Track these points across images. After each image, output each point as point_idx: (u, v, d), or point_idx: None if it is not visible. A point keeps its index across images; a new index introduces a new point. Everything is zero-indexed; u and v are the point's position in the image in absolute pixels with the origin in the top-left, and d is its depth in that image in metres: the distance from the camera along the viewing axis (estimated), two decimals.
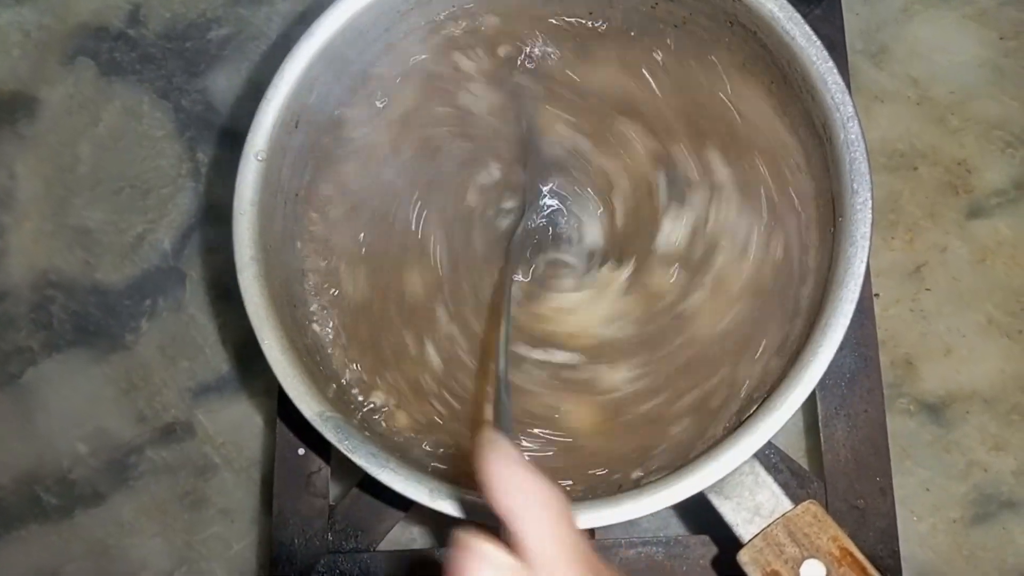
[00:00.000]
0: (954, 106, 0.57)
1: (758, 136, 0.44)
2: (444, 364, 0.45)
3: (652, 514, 0.51)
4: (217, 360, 0.58)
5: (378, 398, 0.44)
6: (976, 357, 0.53)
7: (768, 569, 0.36)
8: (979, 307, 0.54)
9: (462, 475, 0.43)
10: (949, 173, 0.56)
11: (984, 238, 0.55)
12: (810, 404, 0.50)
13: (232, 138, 0.60)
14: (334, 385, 0.43)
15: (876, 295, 0.53)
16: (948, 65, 0.57)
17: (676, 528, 0.52)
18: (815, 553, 0.36)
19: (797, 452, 0.52)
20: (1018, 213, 0.55)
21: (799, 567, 0.36)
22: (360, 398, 0.44)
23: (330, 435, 0.39)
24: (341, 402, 0.42)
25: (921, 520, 0.52)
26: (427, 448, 0.44)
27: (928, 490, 0.52)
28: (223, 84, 0.62)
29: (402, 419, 0.44)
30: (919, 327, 0.54)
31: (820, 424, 0.48)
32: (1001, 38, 0.58)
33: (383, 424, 0.44)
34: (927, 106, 0.57)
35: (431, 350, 0.45)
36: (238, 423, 0.57)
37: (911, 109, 0.57)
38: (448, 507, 0.38)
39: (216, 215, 0.60)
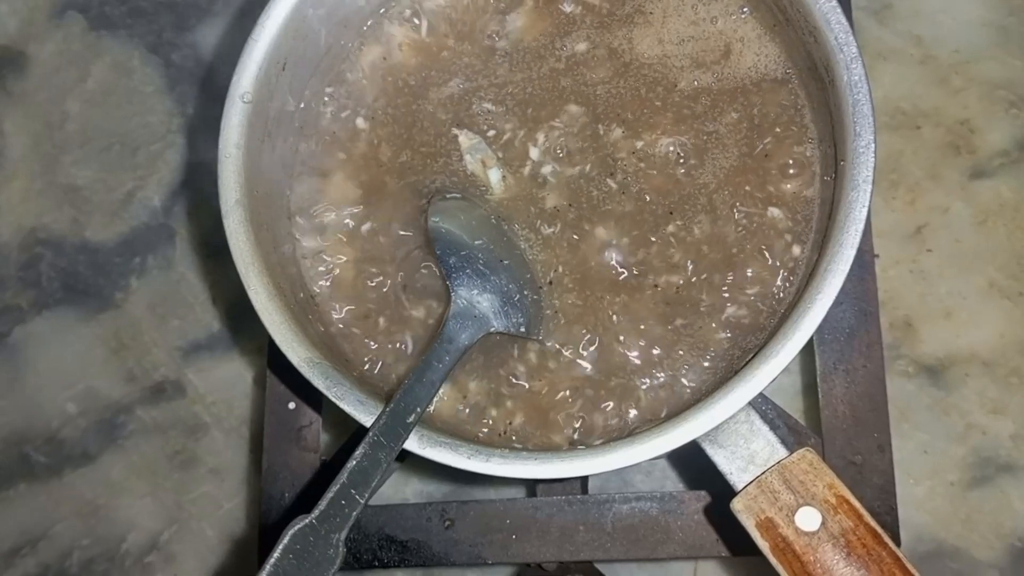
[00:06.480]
0: (958, 66, 0.56)
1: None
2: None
3: (648, 473, 0.52)
4: (207, 318, 0.57)
5: (368, 345, 0.43)
6: (976, 320, 0.53)
7: (762, 516, 0.35)
8: (980, 269, 0.53)
9: (449, 422, 0.42)
10: (952, 133, 0.55)
11: (986, 200, 0.54)
12: (808, 363, 0.49)
13: (223, 93, 0.59)
14: (321, 328, 0.42)
15: (876, 256, 0.53)
16: (952, 24, 0.56)
17: (673, 487, 0.52)
18: (810, 501, 0.35)
19: (794, 412, 0.51)
20: (1020, 174, 0.54)
21: (794, 514, 0.35)
22: (351, 343, 0.44)
23: (318, 381, 0.38)
24: (330, 348, 0.42)
25: (918, 483, 0.51)
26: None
27: (926, 453, 0.51)
28: (213, 39, 0.61)
29: (399, 368, 0.43)
30: (919, 288, 0.53)
31: (818, 379, 0.47)
32: None
33: (374, 371, 0.43)
34: (931, 65, 0.56)
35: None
36: (228, 382, 0.56)
37: (914, 68, 0.56)
38: (437, 455, 0.37)
39: (206, 171, 0.59)
